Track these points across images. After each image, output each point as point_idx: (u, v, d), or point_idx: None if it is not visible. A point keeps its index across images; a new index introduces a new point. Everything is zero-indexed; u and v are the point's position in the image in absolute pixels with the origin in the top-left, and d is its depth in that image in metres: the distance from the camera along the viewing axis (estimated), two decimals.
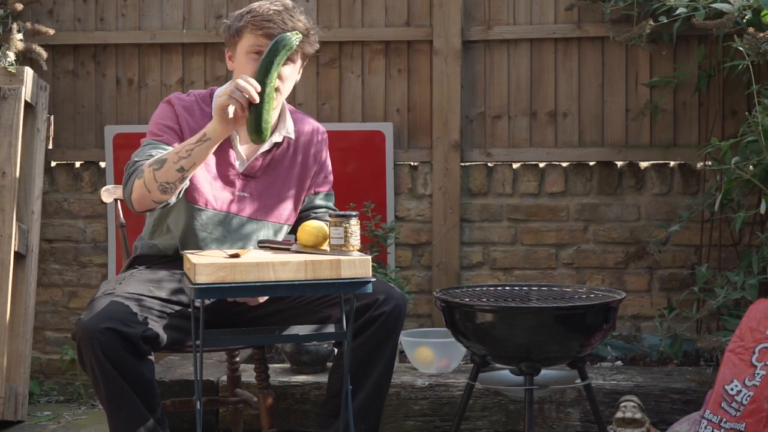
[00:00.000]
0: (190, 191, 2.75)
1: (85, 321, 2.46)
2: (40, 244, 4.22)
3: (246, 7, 2.75)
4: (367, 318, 2.68)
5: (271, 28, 2.66)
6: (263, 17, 2.68)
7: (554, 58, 4.11)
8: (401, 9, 4.17)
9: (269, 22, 2.67)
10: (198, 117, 2.78)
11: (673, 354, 3.77)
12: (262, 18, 2.68)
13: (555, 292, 2.96)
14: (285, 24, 2.67)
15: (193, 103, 2.80)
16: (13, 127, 3.93)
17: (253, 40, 2.69)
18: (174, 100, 2.80)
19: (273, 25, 2.66)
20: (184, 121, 2.75)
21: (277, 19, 2.67)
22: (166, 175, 2.55)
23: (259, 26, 2.67)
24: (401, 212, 4.17)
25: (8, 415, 3.79)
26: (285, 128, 2.85)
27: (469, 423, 3.46)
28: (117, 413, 2.50)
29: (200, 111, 2.79)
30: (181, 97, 2.81)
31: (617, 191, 4.08)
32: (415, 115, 4.17)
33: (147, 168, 2.58)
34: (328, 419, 2.76)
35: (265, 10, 2.69)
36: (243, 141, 2.82)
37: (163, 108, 2.80)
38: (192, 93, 2.84)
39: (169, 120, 2.76)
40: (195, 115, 2.78)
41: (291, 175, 2.87)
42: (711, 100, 4.00)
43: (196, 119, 2.77)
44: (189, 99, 2.81)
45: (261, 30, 2.67)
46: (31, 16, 4.27)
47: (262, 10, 2.70)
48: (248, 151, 2.83)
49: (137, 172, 2.62)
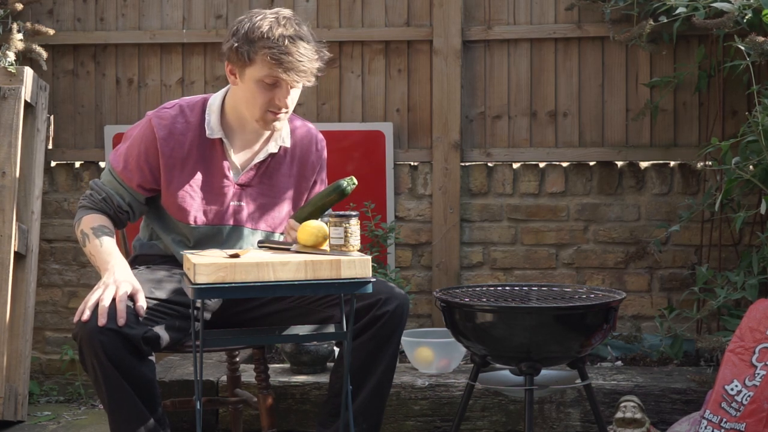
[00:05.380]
0: (176, 210, 2.75)
1: (87, 322, 2.46)
2: (40, 244, 4.22)
3: (253, 27, 2.65)
4: (370, 318, 2.68)
5: (290, 62, 2.61)
6: (280, 49, 2.60)
7: (554, 58, 4.11)
8: (401, 9, 4.17)
9: (287, 55, 2.60)
10: (180, 133, 2.73)
11: (674, 354, 3.77)
12: (279, 51, 2.60)
13: (555, 292, 2.96)
14: (302, 55, 2.61)
15: (176, 117, 2.75)
16: (13, 127, 3.93)
17: (269, 71, 2.63)
18: (155, 121, 2.74)
19: (291, 58, 2.60)
20: (164, 147, 2.72)
21: (293, 50, 2.60)
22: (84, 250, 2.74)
23: (278, 60, 2.61)
24: (401, 212, 4.17)
25: (8, 415, 3.79)
26: (281, 137, 2.83)
27: (469, 423, 3.46)
28: (118, 413, 2.51)
29: (184, 125, 2.74)
30: (162, 116, 2.75)
31: (617, 191, 4.08)
32: (415, 115, 4.17)
33: (78, 232, 2.73)
34: (329, 419, 2.76)
35: (280, 38, 2.61)
36: (237, 150, 2.80)
37: (143, 131, 2.76)
38: (179, 103, 2.79)
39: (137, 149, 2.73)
40: (176, 132, 2.73)
41: (287, 183, 2.85)
42: (711, 100, 4.00)
43: (177, 138, 2.73)
44: (171, 114, 2.75)
45: (280, 65, 2.61)
46: (31, 16, 4.27)
47: (276, 37, 2.62)
48: (243, 161, 2.81)
49: (78, 218, 2.75)
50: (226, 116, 2.78)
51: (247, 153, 2.81)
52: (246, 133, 2.79)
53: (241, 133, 2.79)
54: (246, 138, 2.80)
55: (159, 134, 2.72)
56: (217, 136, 2.76)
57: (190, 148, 2.74)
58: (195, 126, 2.75)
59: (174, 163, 2.73)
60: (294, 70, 2.62)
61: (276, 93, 2.67)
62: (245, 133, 2.79)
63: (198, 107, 2.78)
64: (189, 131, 2.75)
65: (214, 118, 2.76)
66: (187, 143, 2.74)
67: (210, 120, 2.76)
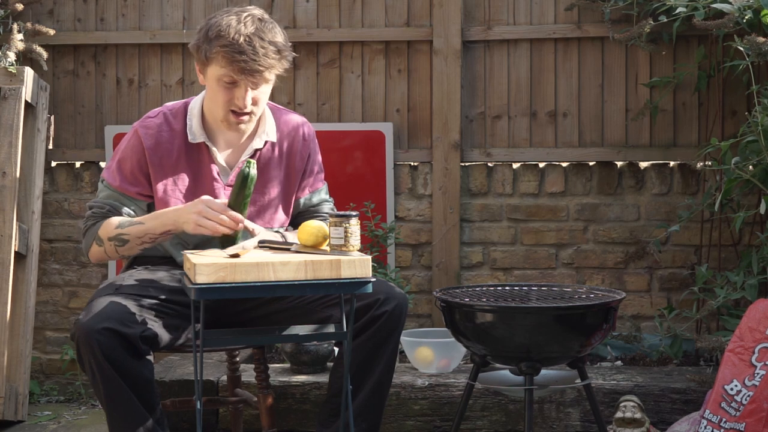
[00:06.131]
0: None
1: (84, 321, 2.47)
2: (41, 244, 4.22)
3: (214, 25, 2.63)
4: (369, 317, 2.68)
5: (243, 60, 2.57)
6: (233, 47, 2.57)
7: (554, 58, 4.11)
8: (401, 9, 4.17)
9: (241, 54, 2.57)
10: (166, 141, 2.74)
11: (673, 354, 3.77)
12: (233, 49, 2.58)
13: (555, 292, 2.96)
14: (256, 53, 2.57)
15: (161, 126, 2.75)
16: (14, 127, 3.93)
17: (224, 71, 2.62)
18: (140, 131, 2.74)
19: (245, 57, 2.57)
20: (152, 155, 2.72)
21: (248, 49, 2.57)
22: (129, 251, 2.72)
23: (230, 58, 2.58)
24: (401, 212, 4.17)
25: (8, 415, 3.79)
26: (265, 132, 2.81)
27: (469, 423, 3.46)
28: (116, 413, 2.51)
29: (169, 133, 2.74)
30: (147, 125, 2.75)
31: (617, 191, 4.08)
32: (415, 115, 4.18)
33: (107, 241, 2.68)
34: (329, 418, 2.76)
35: (235, 36, 2.58)
36: (222, 149, 2.79)
37: (130, 142, 2.76)
38: (162, 111, 2.78)
39: (131, 159, 2.74)
40: (163, 140, 2.73)
41: (278, 177, 2.84)
42: (711, 100, 4.00)
43: (165, 145, 2.73)
44: (156, 123, 2.75)
45: (232, 64, 2.59)
46: (32, 16, 4.27)
47: (232, 36, 2.58)
48: (229, 160, 2.80)
49: (95, 238, 2.71)
50: (206, 118, 2.77)
51: (233, 152, 2.80)
52: (227, 132, 2.77)
53: (223, 134, 2.78)
54: (229, 137, 2.79)
55: (146, 144, 2.72)
56: (200, 140, 2.75)
57: (179, 155, 2.74)
58: (179, 132, 2.75)
59: (164, 172, 2.73)
60: (248, 70, 2.59)
61: (235, 93, 2.65)
62: (226, 132, 2.77)
63: (180, 113, 2.78)
64: (175, 138, 2.75)
65: (195, 122, 2.75)
66: (175, 151, 2.74)
67: (192, 125, 2.75)
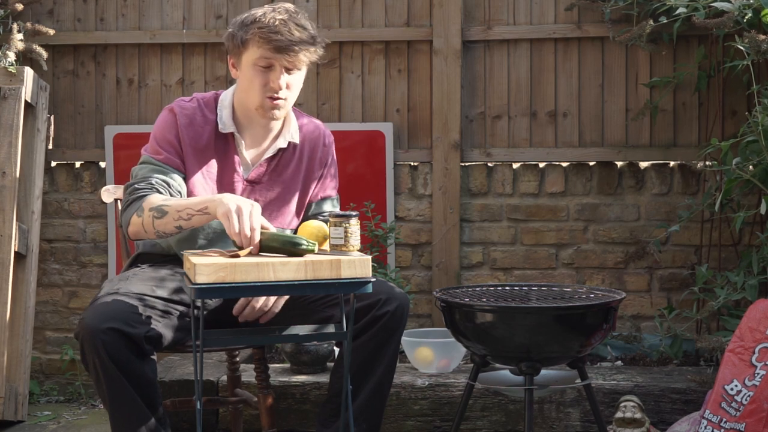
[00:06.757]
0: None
1: (89, 320, 2.46)
2: (41, 244, 4.22)
3: (249, 15, 2.72)
4: (370, 318, 2.68)
5: (279, 40, 2.64)
6: (270, 29, 2.65)
7: (554, 58, 4.11)
8: (401, 9, 4.17)
9: (276, 33, 2.64)
10: (199, 125, 2.77)
11: (673, 354, 3.77)
12: (269, 30, 2.65)
13: (555, 292, 2.96)
14: (292, 34, 2.65)
15: (196, 110, 2.79)
16: (14, 127, 3.93)
17: (261, 52, 2.67)
18: (176, 109, 2.79)
19: (280, 36, 2.64)
20: (185, 134, 2.75)
21: (283, 30, 2.65)
22: (164, 226, 2.61)
23: (267, 38, 2.65)
24: (401, 212, 4.17)
25: (8, 415, 3.79)
26: (290, 133, 2.85)
27: (469, 423, 3.46)
28: (119, 413, 2.51)
29: (202, 119, 2.79)
30: (183, 106, 2.80)
31: (617, 191, 4.08)
32: (415, 115, 4.18)
33: (147, 211, 2.62)
34: (329, 418, 2.76)
35: (271, 20, 2.66)
36: (248, 146, 2.82)
37: (165, 118, 2.80)
38: (195, 97, 2.84)
39: (169, 133, 2.76)
40: (196, 124, 2.77)
41: (296, 180, 2.87)
42: (711, 100, 4.00)
43: (197, 129, 2.77)
44: (191, 106, 2.80)
45: (269, 43, 2.65)
46: (31, 16, 4.27)
47: (267, 20, 2.67)
48: (253, 157, 2.83)
49: (137, 208, 2.64)
50: (236, 112, 2.82)
51: (257, 149, 2.84)
52: (254, 128, 2.81)
53: (250, 129, 2.82)
54: (255, 133, 2.82)
55: (181, 122, 2.76)
56: (230, 131, 2.79)
57: (208, 141, 2.78)
58: (211, 120, 2.80)
59: (192, 152, 2.76)
60: (283, 49, 2.64)
61: (270, 76, 2.70)
62: (254, 128, 2.81)
63: (211, 103, 2.83)
64: (207, 124, 2.79)
65: (226, 113, 2.80)
66: (206, 136, 2.78)
67: (222, 115, 2.80)
